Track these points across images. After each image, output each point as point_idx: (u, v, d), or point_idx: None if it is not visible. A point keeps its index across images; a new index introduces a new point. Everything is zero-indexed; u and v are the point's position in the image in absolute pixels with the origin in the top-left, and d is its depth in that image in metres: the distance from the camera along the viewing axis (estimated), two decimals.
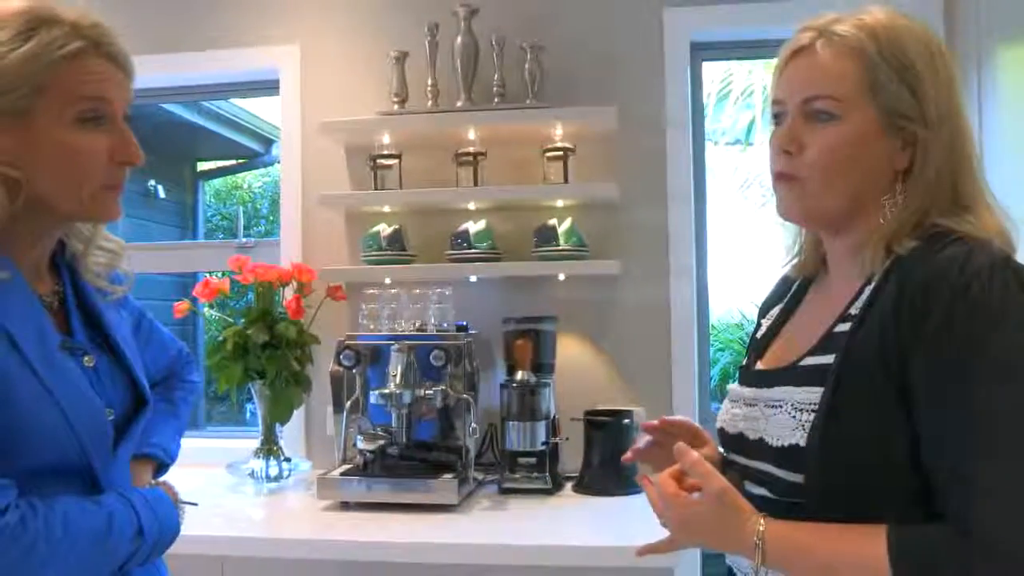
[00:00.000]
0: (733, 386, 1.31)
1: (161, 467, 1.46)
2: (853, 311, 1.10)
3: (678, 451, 1.14)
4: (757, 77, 7.46)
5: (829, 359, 1.09)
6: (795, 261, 1.32)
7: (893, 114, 1.09)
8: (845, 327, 1.09)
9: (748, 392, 1.24)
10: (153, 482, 1.40)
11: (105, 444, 1.20)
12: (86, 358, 1.23)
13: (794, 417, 1.10)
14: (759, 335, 1.34)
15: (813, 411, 1.08)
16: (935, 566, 0.95)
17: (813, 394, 1.09)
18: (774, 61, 1.22)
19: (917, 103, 1.08)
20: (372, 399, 2.35)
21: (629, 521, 2.13)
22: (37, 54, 1.09)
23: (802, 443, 1.07)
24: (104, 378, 1.25)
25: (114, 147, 1.18)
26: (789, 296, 1.33)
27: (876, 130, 1.10)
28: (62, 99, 1.12)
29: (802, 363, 1.15)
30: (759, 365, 1.28)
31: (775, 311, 1.34)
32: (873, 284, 1.09)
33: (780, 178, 1.18)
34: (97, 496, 1.17)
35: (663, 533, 1.24)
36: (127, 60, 1.20)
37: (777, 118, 1.20)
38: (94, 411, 1.18)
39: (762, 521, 1.07)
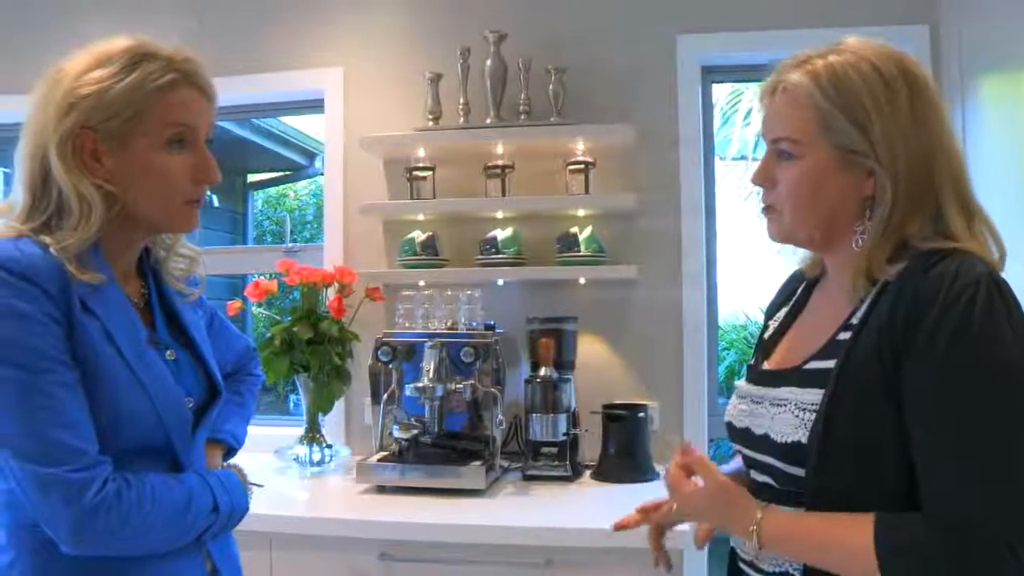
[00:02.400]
0: (741, 383, 1.31)
1: (230, 451, 1.49)
2: (853, 321, 1.10)
3: (683, 450, 1.20)
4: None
5: (831, 364, 1.09)
6: (805, 261, 1.32)
7: (845, 150, 1.09)
8: (846, 335, 1.10)
9: (755, 390, 1.24)
10: (224, 464, 1.43)
11: (185, 429, 1.23)
12: (168, 352, 1.27)
13: (797, 416, 1.11)
14: (766, 336, 1.35)
15: (814, 411, 1.08)
16: (912, 549, 0.96)
17: (815, 395, 1.09)
18: None
19: (866, 139, 1.07)
20: (407, 392, 2.37)
21: None
22: (138, 85, 1.15)
23: (804, 440, 1.08)
24: (184, 370, 1.29)
25: (197, 167, 1.22)
26: (794, 299, 1.33)
27: (833, 165, 1.11)
28: (155, 124, 1.17)
29: (806, 366, 1.15)
30: (766, 365, 1.28)
31: (781, 313, 1.34)
32: (870, 299, 1.09)
33: (763, 207, 1.22)
34: (179, 474, 1.20)
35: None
36: (212, 90, 1.24)
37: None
38: (176, 399, 1.22)
39: (759, 512, 1.09)
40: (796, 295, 1.33)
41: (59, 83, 1.14)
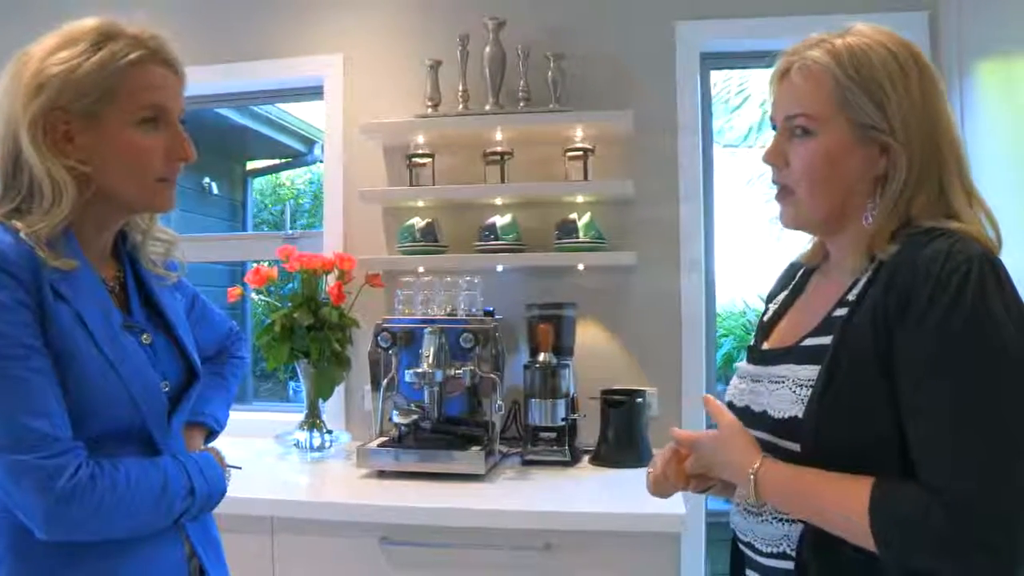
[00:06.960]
0: (741, 363, 1.33)
1: (211, 434, 1.48)
2: (850, 298, 1.11)
3: (704, 399, 1.24)
4: (761, 84, 7.39)
5: (827, 340, 1.10)
6: (805, 250, 1.33)
7: (863, 126, 1.10)
8: (842, 312, 1.11)
9: (754, 369, 1.26)
10: (204, 447, 1.42)
11: (161, 413, 1.23)
12: (144, 336, 1.25)
13: (794, 392, 1.12)
14: (765, 318, 1.36)
15: (811, 387, 1.09)
16: (903, 515, 0.97)
17: (812, 371, 1.10)
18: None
19: (883, 115, 1.09)
20: (406, 377, 2.36)
21: (640, 490, 2.11)
22: (105, 62, 1.14)
23: (800, 415, 1.09)
24: (160, 354, 1.27)
25: (170, 146, 1.21)
26: (793, 284, 1.34)
27: (849, 142, 1.12)
28: (127, 103, 1.15)
29: (803, 343, 1.17)
30: (765, 345, 1.30)
31: (780, 297, 1.36)
32: (866, 276, 1.10)
33: (778, 190, 1.22)
34: (155, 458, 1.19)
35: (669, 503, 1.32)
36: (181, 66, 1.23)
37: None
38: (151, 384, 1.21)
39: (759, 459, 1.11)
40: (795, 280, 1.35)
41: (26, 66, 1.13)
